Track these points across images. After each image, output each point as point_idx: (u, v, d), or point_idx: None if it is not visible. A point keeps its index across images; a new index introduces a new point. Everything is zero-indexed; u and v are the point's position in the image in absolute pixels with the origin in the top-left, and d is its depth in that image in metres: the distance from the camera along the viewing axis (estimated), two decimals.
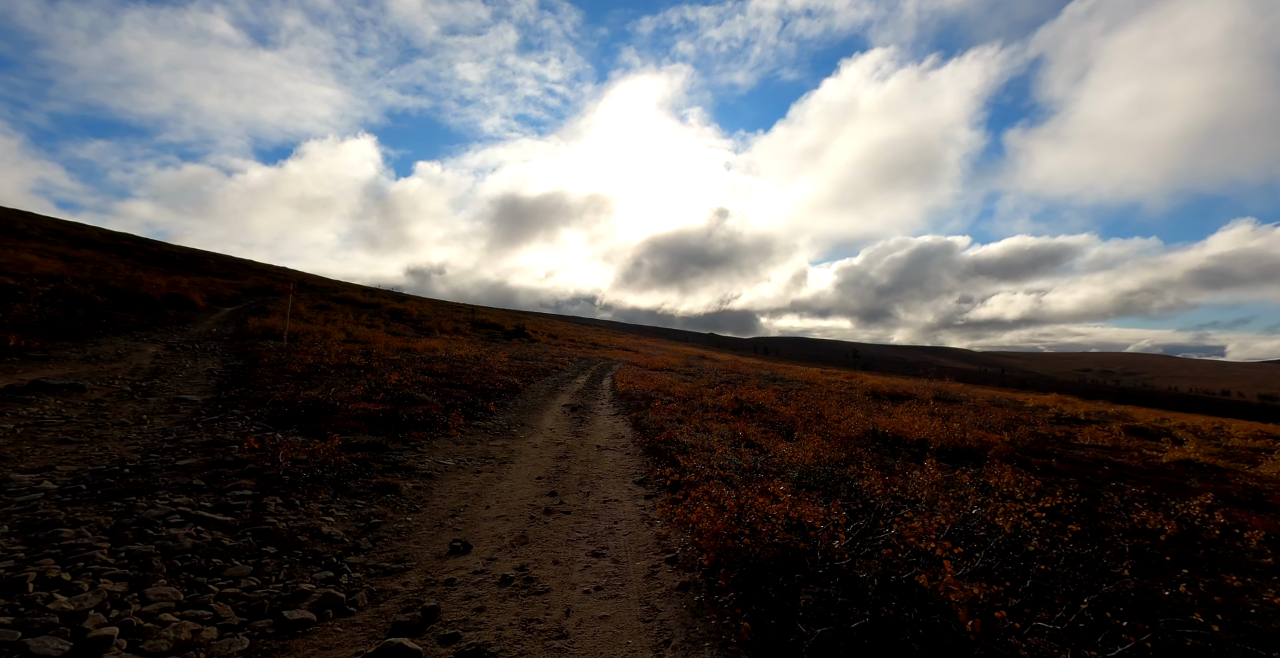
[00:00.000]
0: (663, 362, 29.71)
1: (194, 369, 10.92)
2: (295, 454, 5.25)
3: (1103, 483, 8.21)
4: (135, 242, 46.17)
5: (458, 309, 52.32)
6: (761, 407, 12.69)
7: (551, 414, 11.05)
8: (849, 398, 18.19)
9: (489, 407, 10.47)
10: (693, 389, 15.66)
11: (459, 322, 40.05)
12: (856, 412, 13.40)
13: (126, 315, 18.55)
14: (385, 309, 37.84)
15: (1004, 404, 20.46)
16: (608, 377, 20.37)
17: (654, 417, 10.27)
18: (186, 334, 16.70)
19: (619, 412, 11.85)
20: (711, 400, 13.08)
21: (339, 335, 21.57)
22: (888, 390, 20.62)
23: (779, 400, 14.32)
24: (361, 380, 10.90)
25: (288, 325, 16.53)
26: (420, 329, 32.93)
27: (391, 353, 18.26)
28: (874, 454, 8.56)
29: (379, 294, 50.41)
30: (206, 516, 3.66)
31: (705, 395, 14.40)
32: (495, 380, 14.27)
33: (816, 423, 11.28)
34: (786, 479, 5.35)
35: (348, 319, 28.94)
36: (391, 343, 21.80)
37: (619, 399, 13.84)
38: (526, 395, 13.35)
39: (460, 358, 19.87)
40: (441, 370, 14.77)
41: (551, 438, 8.53)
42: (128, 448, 5.37)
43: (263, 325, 19.29)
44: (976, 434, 10.83)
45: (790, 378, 27.69)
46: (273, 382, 9.70)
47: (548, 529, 4.51)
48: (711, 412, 11.68)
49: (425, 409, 8.59)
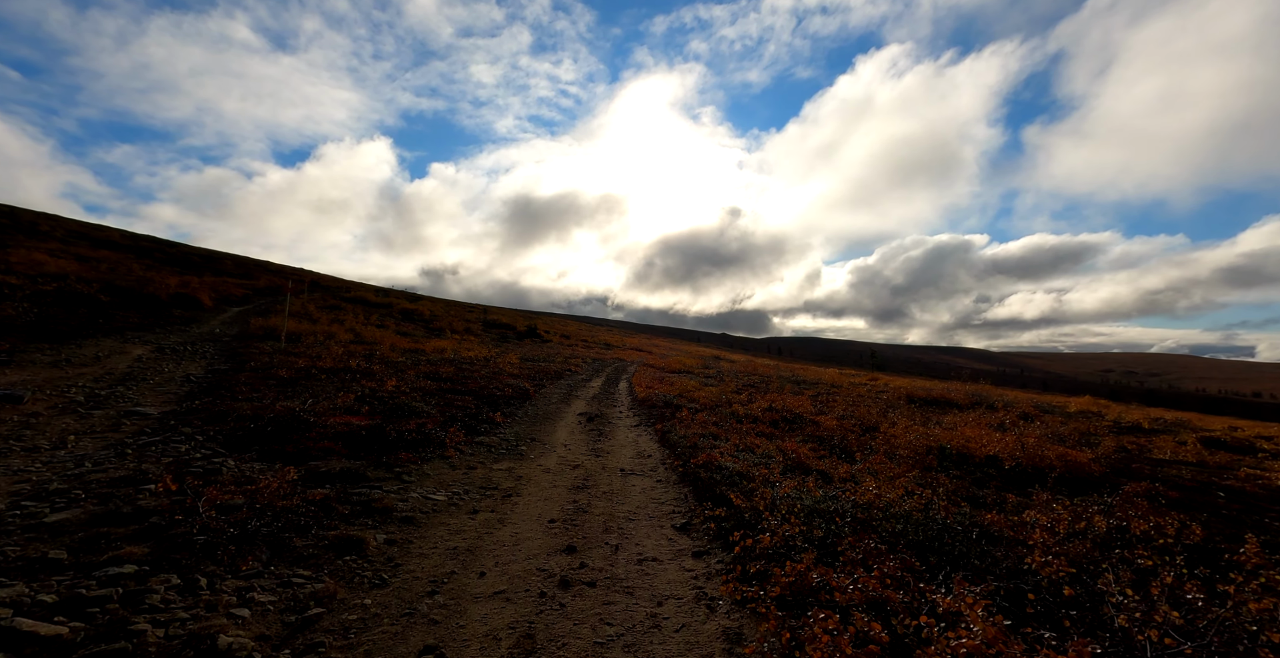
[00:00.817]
0: (678, 363, 28.23)
1: (171, 374, 9.65)
2: (228, 497, 3.86)
3: (1239, 517, 6.60)
4: (154, 243, 45.72)
5: (470, 309, 51.29)
6: (800, 417, 11.18)
7: (565, 426, 9.63)
8: (886, 404, 16.57)
9: (495, 417, 9.07)
10: (718, 395, 14.16)
11: (471, 322, 38.90)
12: (907, 423, 11.82)
13: (129, 315, 17.50)
14: (397, 309, 36.78)
15: (1051, 410, 18.67)
16: (624, 380, 18.94)
17: (683, 430, 8.80)
18: (186, 335, 15.55)
19: (641, 423, 10.40)
20: (742, 408, 11.59)
21: (345, 336, 20.39)
22: (923, 395, 18.93)
23: (815, 408, 12.79)
24: (355, 387, 9.57)
25: (286, 326, 15.32)
26: (431, 330, 31.79)
27: (396, 355, 16.99)
28: (954, 480, 7.02)
29: (391, 294, 49.50)
30: (30, 627, 2.28)
31: (734, 402, 12.90)
32: (504, 385, 12.90)
33: (869, 437, 9.74)
34: (885, 532, 3.88)
35: (357, 319, 27.84)
36: (399, 344, 20.59)
37: (639, 407, 12.39)
38: (538, 402, 11.95)
39: (469, 360, 18.55)
40: (447, 374, 13.44)
41: (566, 458, 7.10)
42: (8, 486, 4.04)
43: (265, 326, 18.13)
44: (1055, 451, 9.21)
45: (813, 380, 26.07)
46: (250, 390, 8.38)
47: (565, 619, 3.07)
48: (746, 423, 10.18)
49: (420, 423, 7.20)
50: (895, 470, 6.86)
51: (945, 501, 5.37)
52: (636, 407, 12.43)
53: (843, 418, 12.25)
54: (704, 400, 12.99)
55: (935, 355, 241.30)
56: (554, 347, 34.00)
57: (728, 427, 9.75)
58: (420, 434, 6.66)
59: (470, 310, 49.30)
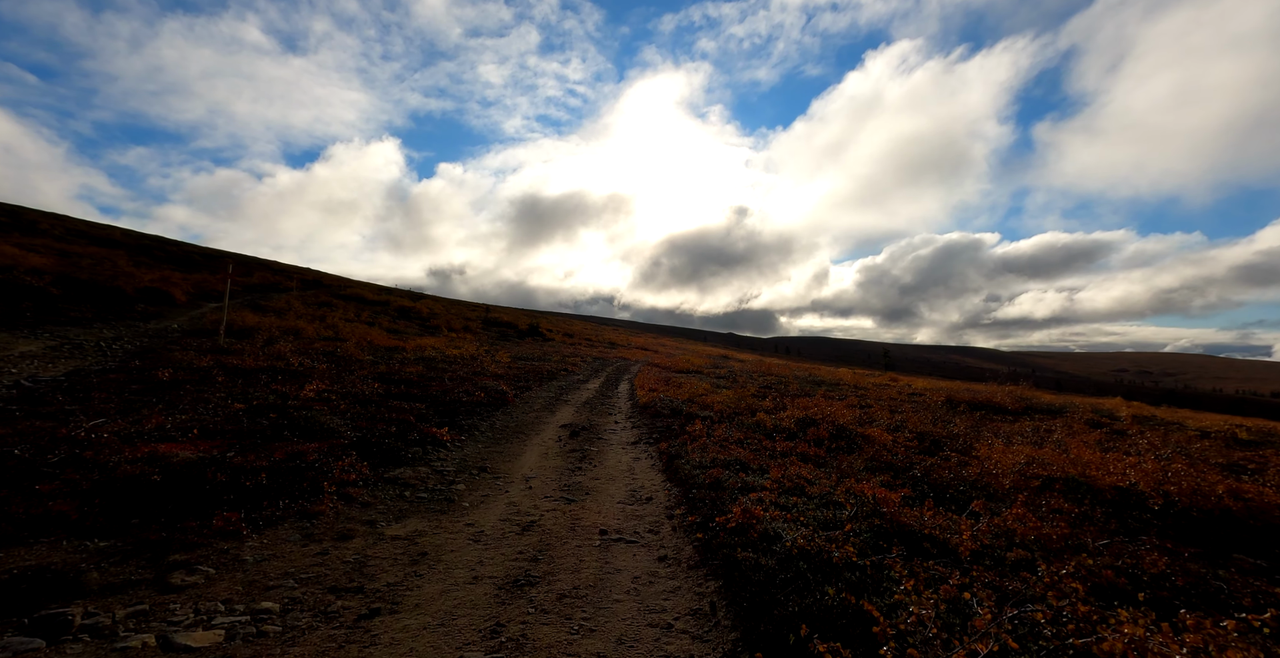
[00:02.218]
0: (686, 362, 25.50)
1: (12, 378, 7.10)
2: None
3: None
4: (155, 241, 43.80)
5: (472, 308, 48.90)
6: (844, 430, 8.46)
7: (539, 445, 6.97)
8: (928, 409, 13.77)
9: (440, 434, 6.43)
10: (735, 400, 11.43)
11: (470, 320, 36.37)
12: (992, 440, 9.03)
13: (81, 309, 15.17)
14: (393, 307, 34.35)
15: (1113, 415, 15.72)
16: (625, 381, 16.27)
17: (697, 454, 6.12)
18: (125, 330, 13.18)
19: (641, 438, 7.72)
20: (769, 418, 8.88)
21: (324, 332, 17.93)
22: (965, 398, 16.02)
23: (855, 417, 10.04)
24: (259, 393, 6.99)
25: (225, 319, 12.82)
26: (426, 328, 29.33)
27: (363, 353, 14.44)
28: (1118, 539, 4.29)
29: (393, 293, 47.26)
30: None
31: (757, 410, 10.19)
32: (477, 389, 10.28)
33: (948, 461, 6.96)
34: None
35: (344, 316, 25.45)
36: (378, 341, 18.03)
37: (640, 415, 9.71)
38: (515, 410, 9.31)
39: (451, 359, 15.98)
40: (410, 376, 10.85)
41: (520, 507, 4.44)
42: None
43: (225, 320, 15.71)
44: (1214, 480, 6.41)
45: (831, 380, 23.21)
46: (84, 400, 5.79)
47: None
48: (779, 440, 7.47)
49: (298, 451, 4.57)
50: (1039, 528, 4.15)
51: None
52: (637, 415, 9.75)
53: (895, 429, 9.49)
54: (719, 407, 10.27)
55: (945, 355, 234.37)
56: (555, 345, 31.39)
57: (757, 446, 7.04)
58: (282, 473, 4.02)
59: (473, 309, 46.93)
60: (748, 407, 10.58)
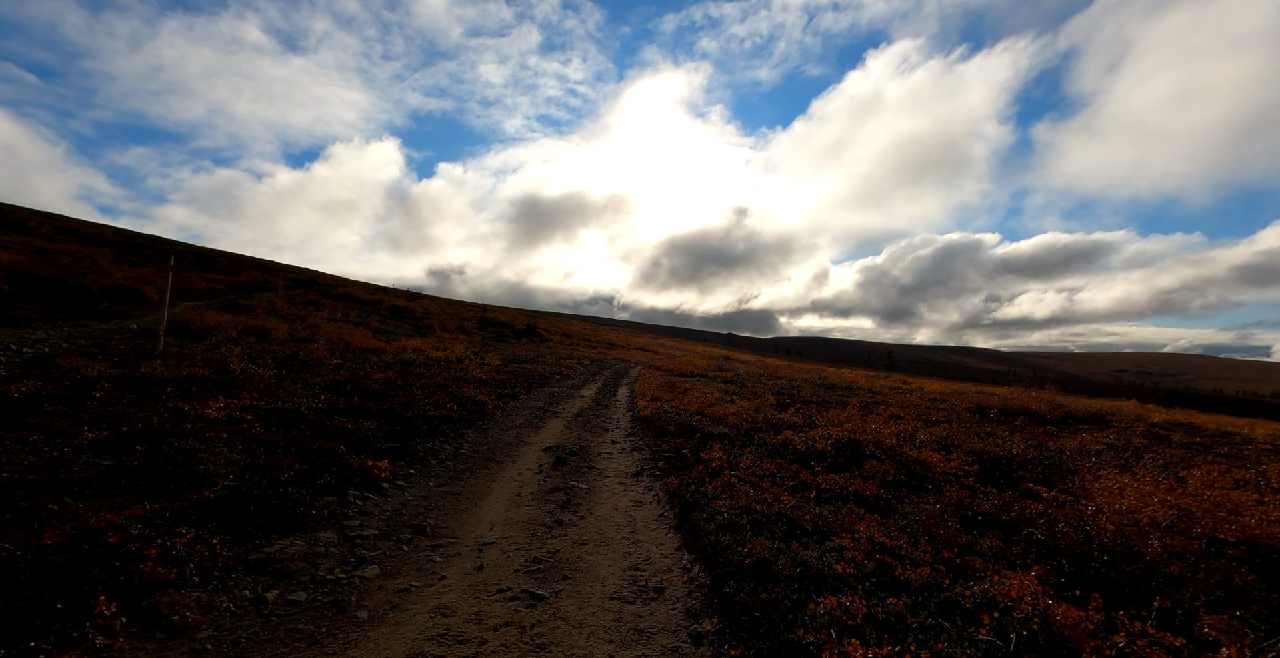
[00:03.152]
0: (688, 364, 23.72)
1: None
2: None
3: None
4: (148, 240, 42.14)
5: (469, 308, 47.15)
6: (894, 453, 6.71)
7: (511, 481, 5.21)
8: (960, 419, 11.99)
9: (378, 470, 4.68)
10: (752, 412, 9.65)
11: (466, 320, 34.62)
12: (1109, 476, 7.25)
13: (31, 307, 13.55)
14: (386, 306, 32.63)
15: (1184, 426, 13.91)
16: (624, 386, 14.51)
17: (723, 501, 4.37)
18: (74, 330, 11.54)
19: (644, 469, 5.96)
20: (799, 438, 7.12)
21: (303, 333, 16.21)
22: (997, 405, 14.18)
23: (896, 433, 8.25)
24: (139, 416, 5.24)
25: (165, 318, 11.08)
26: (419, 328, 27.62)
27: (333, 356, 12.68)
28: None
29: (389, 292, 45.52)
30: None
31: (780, 424, 8.42)
32: (451, 399, 8.53)
33: (1058, 504, 5.18)
34: None
35: (332, 316, 23.74)
36: (358, 343, 16.29)
37: (642, 432, 7.95)
38: (492, 426, 7.56)
39: (433, 362, 14.23)
40: (375, 384, 9.10)
41: (454, 617, 2.69)
42: None
43: (183, 319, 14.05)
44: None
45: (843, 384, 21.42)
46: None
47: None
48: (822, 471, 5.73)
49: (98, 528, 2.81)
50: None
51: None
52: (638, 432, 7.98)
53: (945, 448, 7.70)
54: (735, 422, 8.49)
55: (945, 355, 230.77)
56: (552, 346, 29.63)
57: (795, 481, 5.28)
58: (30, 582, 2.26)
59: (469, 309, 45.19)
60: (768, 421, 8.80)
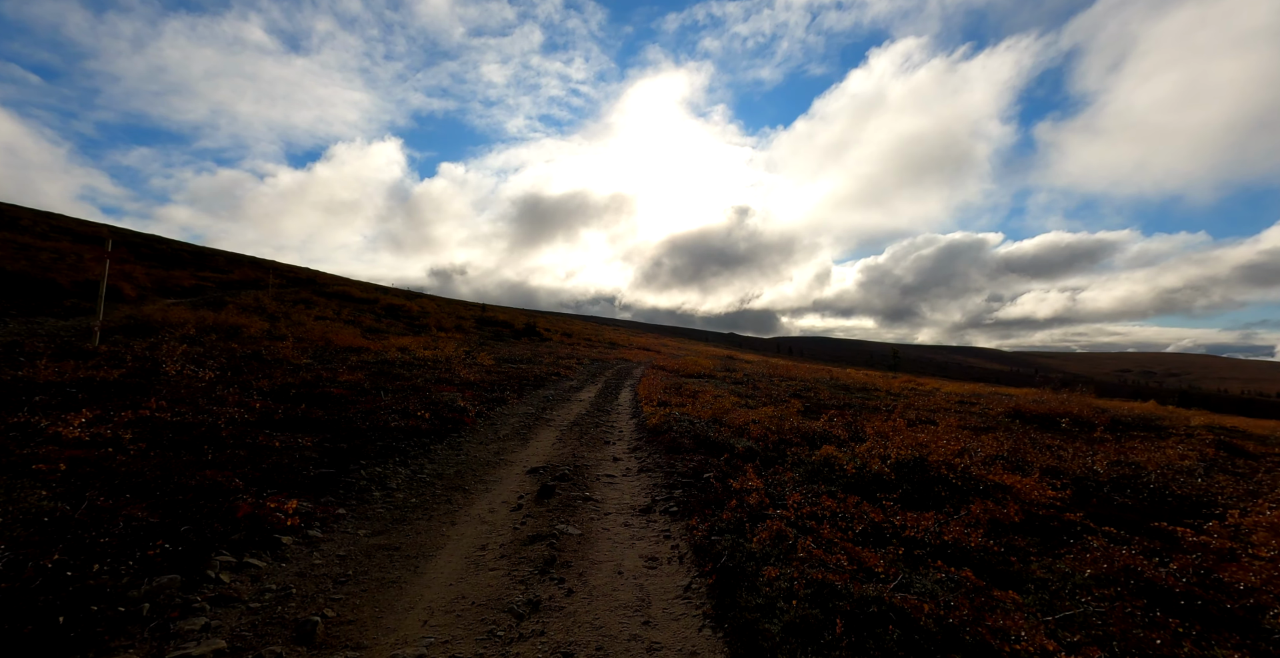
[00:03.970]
0: (693, 365, 22.37)
1: None
2: None
3: None
4: (144, 239, 41.06)
5: (468, 307, 45.85)
6: (968, 476, 5.35)
7: (474, 524, 3.90)
8: (1003, 427, 10.64)
9: (281, 515, 3.39)
10: (776, 419, 8.28)
11: (464, 319, 33.31)
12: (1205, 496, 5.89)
13: None
14: (381, 305, 31.40)
15: (1233, 432, 12.52)
16: (626, 388, 13.17)
17: (777, 565, 3.06)
18: (21, 327, 10.31)
19: (655, 501, 4.63)
20: (845, 456, 5.78)
21: (283, 331, 14.94)
22: (1034, 410, 12.75)
23: (960, 449, 6.88)
24: None
25: (100, 311, 9.80)
26: (415, 326, 26.36)
27: (303, 356, 11.37)
28: None
29: (388, 291, 44.24)
30: None
31: (814, 435, 7.09)
32: (424, 406, 7.22)
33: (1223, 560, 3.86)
34: None
35: (322, 314, 22.49)
36: (341, 341, 14.98)
37: (649, 445, 6.63)
38: (468, 439, 6.26)
39: (418, 362, 12.92)
40: (336, 388, 7.79)
41: None
42: None
43: (143, 318, 12.84)
44: None
45: (857, 385, 20.05)
46: None
47: None
48: (894, 505, 4.41)
49: None
50: None
51: None
52: (645, 446, 6.65)
53: (1018, 469, 6.35)
54: (759, 432, 7.14)
55: (947, 355, 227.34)
56: (551, 346, 28.28)
57: (865, 523, 3.97)
58: None
59: (469, 308, 43.90)
60: (797, 431, 7.46)
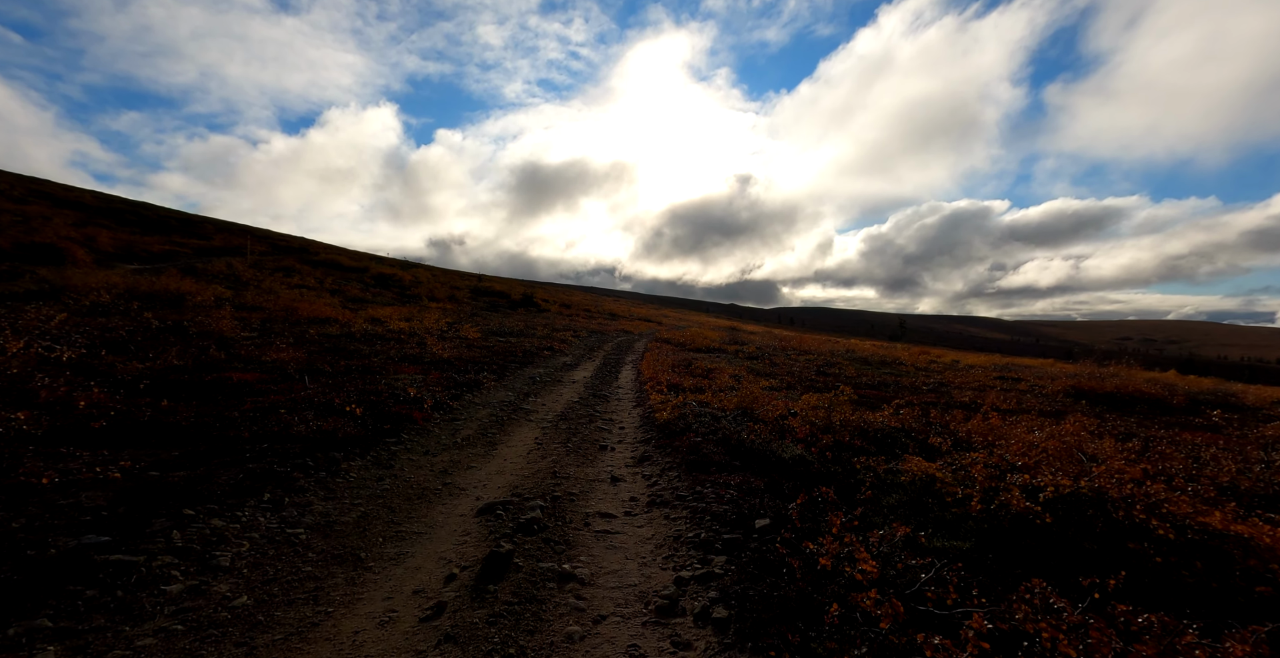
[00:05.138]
0: (699, 337, 20.47)
1: None
2: None
3: None
4: (129, 206, 38.78)
5: (465, 277, 43.66)
6: (1169, 518, 3.54)
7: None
8: (1057, 405, 8.79)
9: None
10: (824, 411, 6.33)
11: (458, 289, 31.25)
12: None
13: None
14: (371, 274, 29.44)
15: None
16: (628, 366, 11.31)
17: None
18: None
19: (684, 589, 2.79)
20: (953, 478, 3.94)
21: (250, 299, 13.04)
22: (1102, 388, 10.73)
23: (1090, 455, 4.99)
24: None
25: None
26: (405, 296, 24.41)
27: (243, 330, 9.42)
28: None
29: (382, 261, 41.97)
30: None
31: (884, 438, 5.25)
32: (362, 397, 5.37)
33: None
34: None
35: (303, 283, 20.53)
36: (311, 312, 13.04)
37: (662, 452, 4.80)
38: (407, 447, 4.43)
39: (387, 335, 11.02)
40: (254, 371, 5.93)
41: None
42: None
43: (65, 283, 10.87)
44: None
45: (878, 359, 18.16)
46: None
47: None
48: (1126, 615, 2.58)
49: None
50: None
51: None
52: (657, 455, 4.80)
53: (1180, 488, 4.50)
54: (806, 431, 5.27)
55: (948, 324, 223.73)
56: (548, 317, 26.31)
57: (1076, 647, 2.14)
58: None
59: (465, 278, 41.75)
60: (854, 426, 5.58)
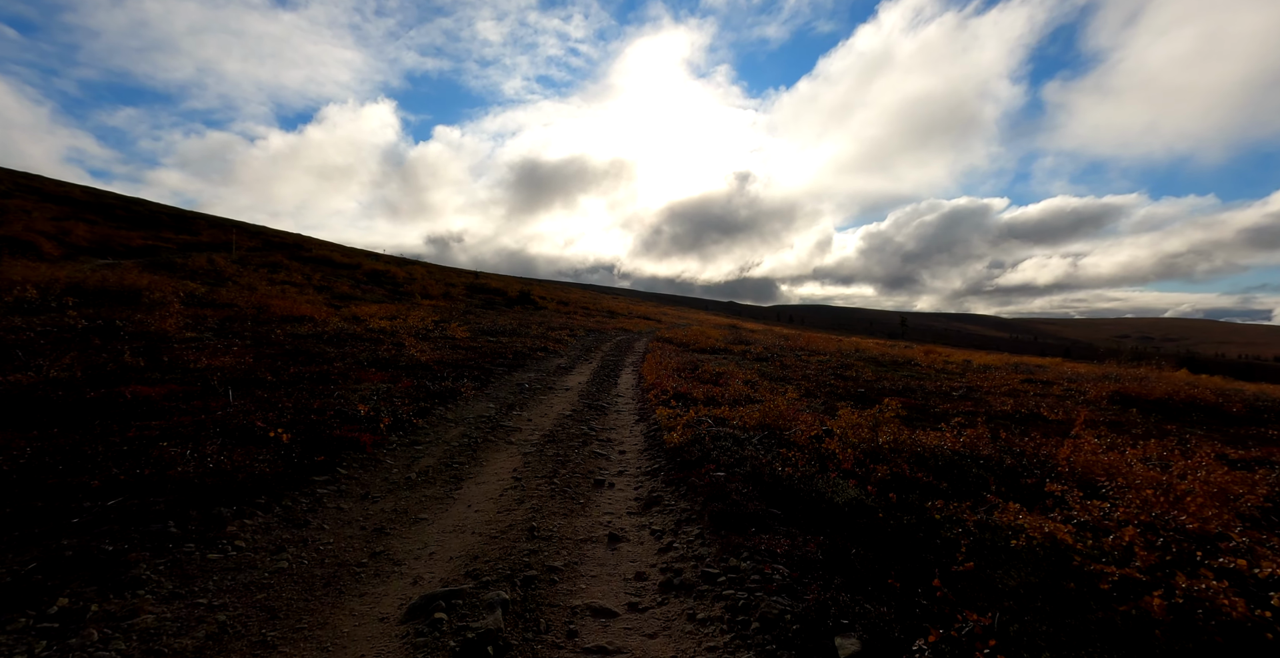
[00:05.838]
0: (702, 336, 19.32)
1: None
2: None
3: None
4: (119, 201, 37.54)
5: (461, 274, 42.42)
6: None
7: None
8: (1106, 413, 7.67)
9: None
10: (867, 428, 5.19)
11: (453, 286, 30.07)
12: None
13: None
14: (363, 270, 28.30)
15: None
16: (628, 370, 10.17)
17: None
18: None
19: None
20: (1084, 542, 2.77)
21: (225, 296, 11.89)
22: (1151, 394, 9.42)
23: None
24: None
25: None
26: (397, 294, 23.26)
27: (187, 332, 8.25)
28: None
29: (378, 258, 40.74)
30: None
31: (951, 466, 4.11)
32: (284, 422, 4.23)
33: None
34: None
35: (289, 279, 19.37)
36: (277, 309, 11.83)
37: (674, 494, 3.68)
38: (335, 493, 3.30)
39: (363, 336, 9.86)
40: (165, 384, 4.79)
41: None
42: None
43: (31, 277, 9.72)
44: None
45: (889, 358, 17.03)
46: None
47: None
48: None
49: None
50: None
51: None
52: (668, 497, 3.66)
53: None
54: (850, 457, 4.16)
55: (946, 322, 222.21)
56: (545, 315, 25.14)
57: None
58: None
59: (461, 275, 40.54)
60: (909, 452, 4.47)
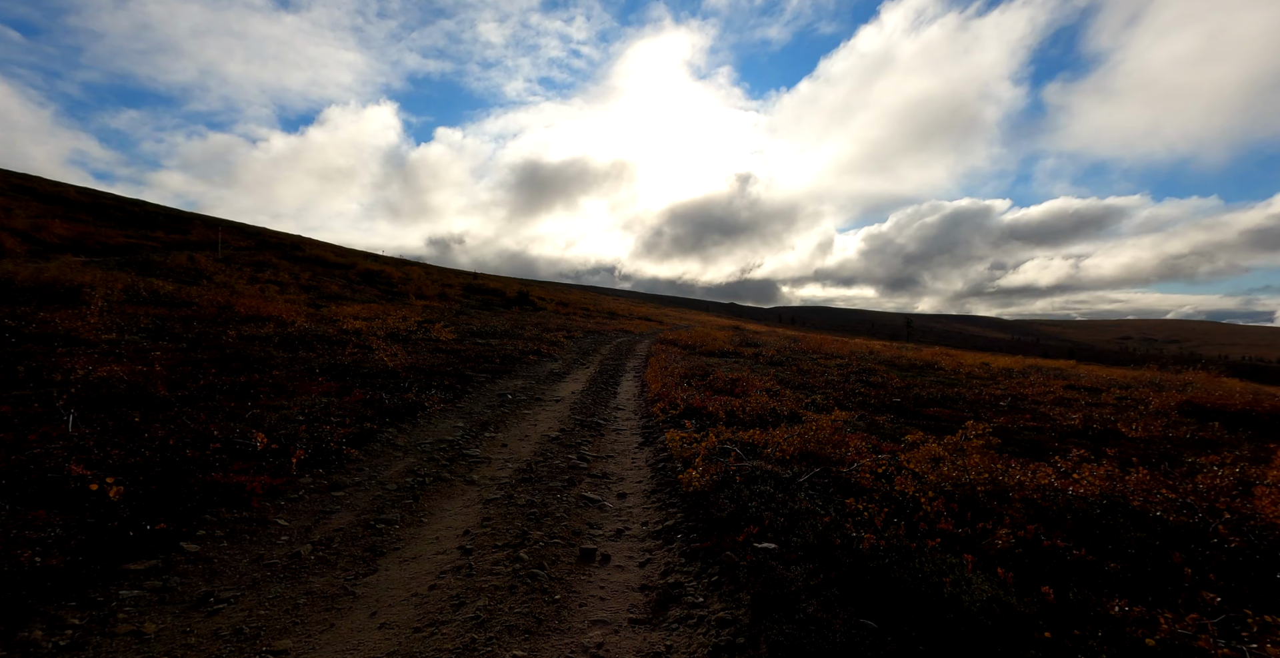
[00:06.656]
0: (707, 338, 18.09)
1: None
2: None
3: None
4: (115, 202, 36.59)
5: (460, 275, 41.25)
6: None
7: None
8: (1175, 427, 6.46)
9: None
10: (952, 464, 4.00)
11: (450, 287, 28.91)
12: None
13: None
14: (357, 270, 27.22)
15: None
16: (629, 376, 8.94)
17: None
18: None
19: None
20: None
21: (194, 296, 10.73)
22: (1227, 404, 8.15)
23: None
24: None
25: None
26: (391, 294, 22.13)
27: (108, 333, 7.03)
28: None
29: (376, 258, 39.62)
30: None
31: (1113, 544, 2.92)
32: (145, 463, 3.04)
33: None
34: None
35: (274, 278, 18.24)
36: (242, 308, 10.64)
37: (703, 581, 2.45)
38: (154, 596, 2.08)
39: (331, 338, 8.66)
40: (37, 394, 3.61)
41: None
42: None
43: None
44: None
45: (907, 362, 15.84)
46: None
47: None
48: None
49: None
50: None
51: None
52: (692, 588, 2.42)
53: None
54: (943, 512, 2.94)
55: (948, 324, 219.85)
56: (543, 316, 23.92)
57: None
58: None
59: (459, 276, 39.39)
60: (1034, 501, 3.26)
